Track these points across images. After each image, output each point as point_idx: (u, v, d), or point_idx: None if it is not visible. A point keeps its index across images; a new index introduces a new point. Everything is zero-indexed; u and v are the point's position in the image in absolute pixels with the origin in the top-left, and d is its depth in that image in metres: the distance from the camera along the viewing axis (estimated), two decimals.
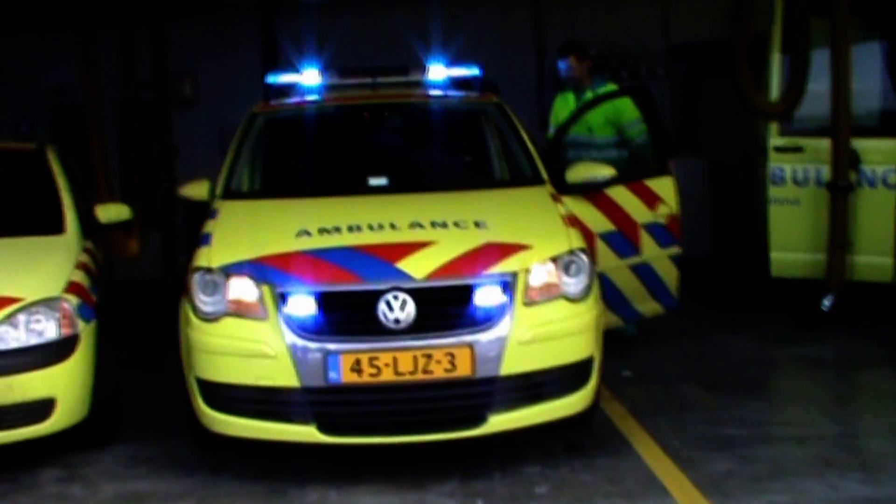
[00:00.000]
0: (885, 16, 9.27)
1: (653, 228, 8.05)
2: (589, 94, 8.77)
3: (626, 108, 8.42)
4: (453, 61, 8.06)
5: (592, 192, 7.42)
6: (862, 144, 8.90)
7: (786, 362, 8.25)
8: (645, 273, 8.09)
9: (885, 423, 6.57)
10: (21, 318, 5.76)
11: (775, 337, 8.86)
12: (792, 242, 9.41)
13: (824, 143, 8.92)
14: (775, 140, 9.42)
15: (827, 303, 8.88)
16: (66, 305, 5.92)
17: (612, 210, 7.77)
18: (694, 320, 9.72)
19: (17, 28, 13.29)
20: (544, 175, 6.82)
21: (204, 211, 6.60)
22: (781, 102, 9.22)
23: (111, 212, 7.46)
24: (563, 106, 8.99)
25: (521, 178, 7.02)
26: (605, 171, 7.14)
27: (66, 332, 5.86)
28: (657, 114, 8.48)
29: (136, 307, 9.70)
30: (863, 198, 8.95)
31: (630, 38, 14.14)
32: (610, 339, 8.13)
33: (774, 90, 9.45)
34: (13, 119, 12.98)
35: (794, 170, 9.35)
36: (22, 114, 13.17)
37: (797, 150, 9.33)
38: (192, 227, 7.26)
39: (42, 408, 5.73)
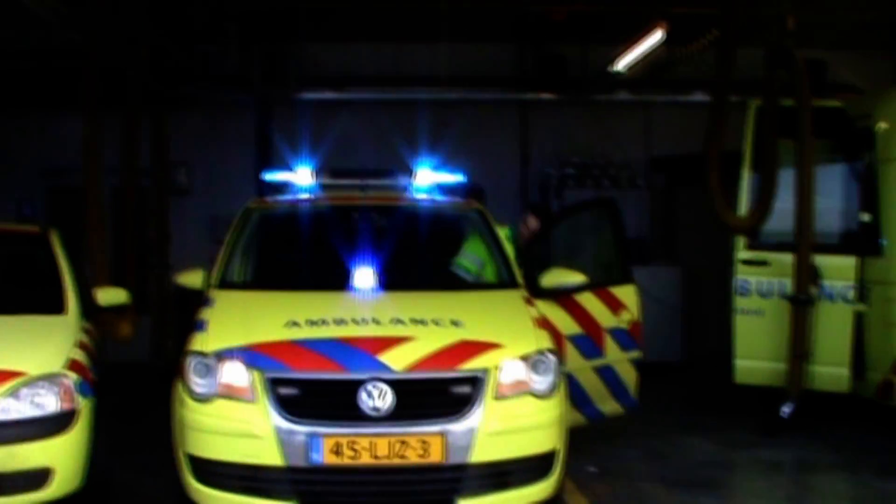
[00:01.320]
0: (848, 141, 9.79)
1: (616, 333, 8.47)
2: None
3: None
4: (440, 166, 8.53)
5: (563, 296, 7.84)
6: (823, 261, 9.42)
7: (744, 464, 8.67)
8: (608, 374, 8.51)
9: None
10: (24, 391, 6.12)
11: (736, 440, 9.29)
12: (755, 351, 9.79)
13: (788, 258, 9.39)
14: (742, 253, 9.87)
15: (787, 409, 9.29)
16: (66, 381, 6.29)
17: (580, 314, 8.22)
18: (661, 421, 10.17)
19: (17, 111, 13.78)
20: (519, 279, 7.29)
21: (197, 298, 7.01)
22: (749, 218, 9.69)
23: (109, 295, 7.85)
24: None
25: (498, 280, 7.48)
26: (575, 278, 7.57)
27: (66, 406, 6.22)
28: (621, 225, 8.95)
29: (125, 389, 10.01)
30: (823, 311, 9.43)
31: (613, 148, 14.75)
32: (578, 436, 8.57)
33: (743, 206, 9.93)
34: (13, 200, 13.38)
35: (759, 282, 9.80)
36: (20, 195, 13.58)
37: (762, 263, 9.79)
38: (183, 312, 7.63)
39: (40, 476, 6.06)
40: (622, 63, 12.59)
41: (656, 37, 11.35)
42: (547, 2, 11.96)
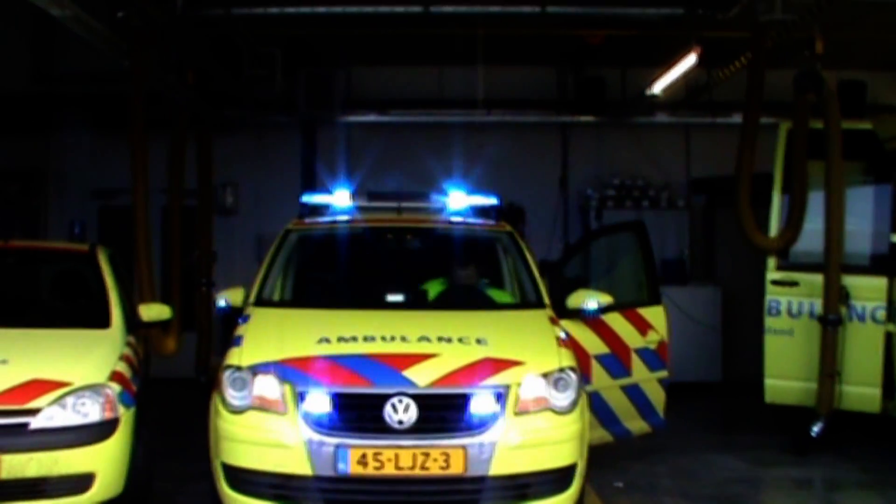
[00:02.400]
0: (878, 162, 9.89)
1: (643, 353, 8.65)
2: None
3: None
4: (475, 188, 8.78)
5: (590, 317, 8.04)
6: (853, 281, 9.51)
7: (770, 482, 8.82)
8: (635, 393, 8.68)
9: None
10: (69, 400, 6.46)
11: (766, 458, 9.43)
12: (785, 371, 9.89)
13: (818, 279, 9.51)
14: (772, 274, 9.99)
15: (816, 429, 9.39)
16: (109, 392, 6.62)
17: (607, 334, 8.42)
18: (693, 440, 10.35)
19: (71, 133, 14.21)
20: (546, 299, 7.52)
21: (238, 314, 7.32)
22: (779, 239, 9.85)
23: (153, 311, 8.19)
24: None
25: (524, 300, 7.73)
26: (601, 299, 7.75)
27: (109, 415, 6.55)
28: (650, 247, 9.15)
29: (169, 402, 10.34)
30: (852, 331, 9.50)
31: (652, 169, 14.88)
32: (608, 453, 8.79)
33: (774, 227, 10.06)
34: (67, 220, 13.79)
35: (789, 302, 9.91)
36: (73, 215, 13.98)
37: (793, 284, 9.90)
38: (227, 330, 7.94)
39: (83, 481, 6.38)
40: (658, 86, 12.77)
41: (690, 60, 11.52)
42: (582, 26, 12.14)
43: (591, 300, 7.62)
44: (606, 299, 7.75)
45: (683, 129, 14.90)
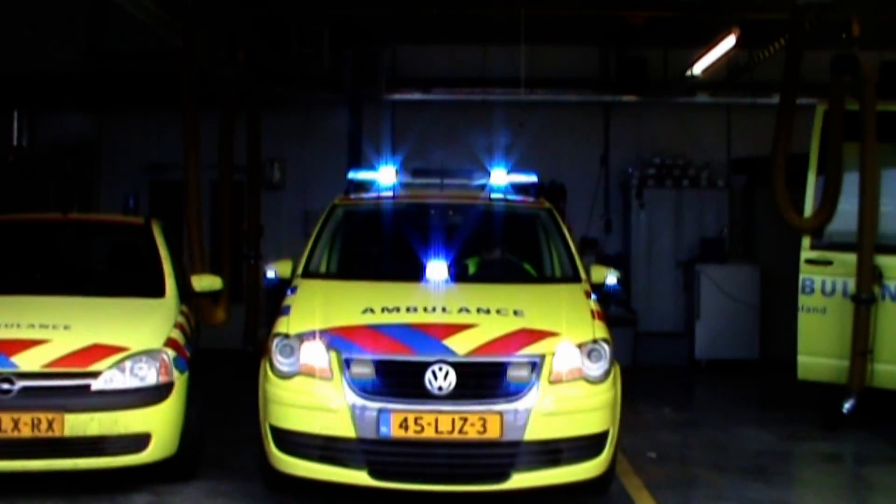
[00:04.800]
0: None
1: None
2: None
3: None
4: (516, 166, 9.03)
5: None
6: (886, 261, 9.63)
7: (799, 455, 9.04)
8: None
9: None
10: (127, 364, 6.85)
11: (797, 433, 9.64)
12: (818, 348, 10.02)
13: (851, 258, 9.66)
14: (807, 253, 10.11)
15: (847, 406, 9.55)
16: (164, 357, 7.00)
17: None
18: (728, 415, 10.61)
19: (123, 111, 14.62)
20: (582, 274, 7.78)
21: (285, 286, 7.64)
22: (813, 218, 10.00)
23: (205, 281, 8.56)
24: None
25: (562, 274, 8.00)
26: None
27: (164, 379, 6.94)
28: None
29: (218, 372, 10.67)
30: (885, 310, 9.62)
31: (693, 149, 15.01)
32: (642, 426, 9.07)
33: (809, 207, 10.18)
34: (120, 194, 14.16)
35: (823, 281, 10.03)
36: (125, 188, 14.33)
37: (827, 263, 10.02)
38: (273, 301, 8.26)
39: (140, 440, 6.78)
40: (699, 67, 12.92)
41: (730, 42, 11.67)
42: (624, 7, 12.30)
43: (611, 275, 7.85)
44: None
45: (724, 109, 15.00)
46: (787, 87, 10.01)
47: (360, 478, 6.30)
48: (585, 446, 6.49)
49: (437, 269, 7.61)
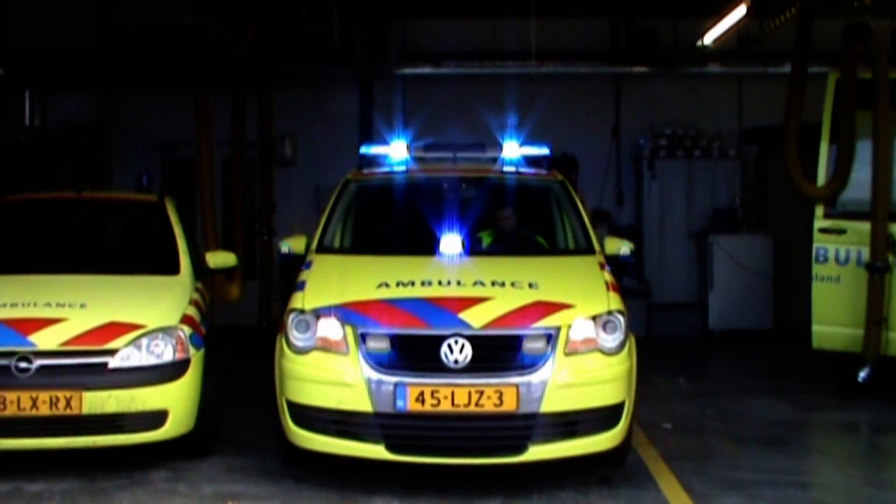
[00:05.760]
0: None
1: None
2: None
3: None
4: (528, 139, 9.01)
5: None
6: None
7: (814, 424, 9.08)
8: None
9: (885, 477, 7.41)
10: (144, 341, 6.88)
11: (812, 402, 9.67)
12: (832, 317, 10.02)
13: (865, 227, 9.64)
14: (820, 222, 10.10)
15: (862, 374, 9.57)
16: (180, 334, 7.03)
17: None
18: (741, 385, 10.65)
19: (135, 88, 14.62)
20: (596, 246, 7.78)
21: (299, 262, 7.66)
22: (826, 187, 9.99)
23: (219, 258, 8.58)
24: None
25: (576, 247, 8.00)
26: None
27: (180, 356, 6.97)
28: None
29: (233, 348, 10.70)
30: None
31: (705, 119, 14.99)
32: (658, 397, 9.08)
33: (822, 176, 10.17)
34: (133, 171, 14.22)
35: (836, 250, 10.01)
36: (137, 166, 14.37)
37: (840, 231, 10.00)
38: (287, 277, 8.27)
39: (157, 417, 6.82)
40: (709, 37, 12.86)
41: (740, 11, 11.62)
42: None
43: (625, 247, 7.84)
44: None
45: (735, 79, 14.95)
46: (798, 56, 9.98)
47: (377, 452, 6.32)
48: (601, 418, 6.50)
49: (450, 242, 7.62)
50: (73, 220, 9.07)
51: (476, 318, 6.46)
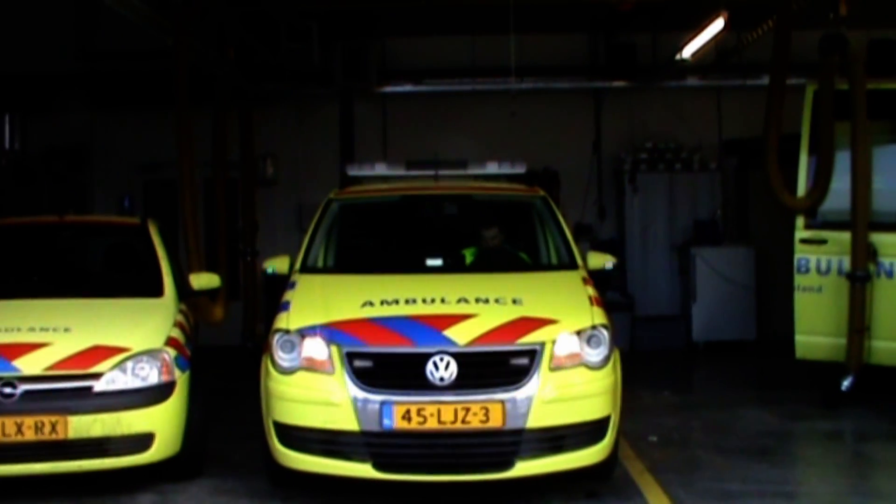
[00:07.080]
0: None
1: None
2: None
3: None
4: (509, 155, 9.05)
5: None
6: (880, 238, 9.67)
7: (800, 434, 9.10)
8: None
9: (870, 485, 7.45)
10: (129, 364, 6.87)
11: (797, 412, 9.68)
12: (815, 327, 10.05)
13: (845, 237, 9.68)
14: (801, 233, 10.13)
15: (846, 383, 9.59)
16: (165, 356, 7.03)
17: None
18: (727, 396, 10.66)
19: (117, 110, 14.61)
20: (578, 260, 7.82)
21: (282, 282, 7.67)
22: (806, 198, 10.03)
23: (203, 280, 8.57)
24: None
25: (558, 262, 8.04)
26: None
27: (166, 378, 6.97)
28: None
29: (217, 369, 10.67)
30: (880, 287, 9.66)
31: (685, 132, 15.07)
32: (643, 410, 9.10)
33: (802, 187, 10.21)
34: (112, 193, 14.22)
35: (817, 260, 10.06)
36: (119, 189, 14.37)
37: (821, 242, 10.03)
38: (271, 297, 8.28)
39: (143, 440, 6.81)
40: (688, 50, 12.93)
41: (718, 25, 11.69)
42: None
43: (609, 262, 7.86)
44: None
45: (714, 91, 15.02)
46: (776, 68, 10.04)
47: (364, 470, 6.33)
48: (587, 432, 6.52)
49: (434, 260, 7.64)
50: (55, 244, 9.07)
51: (461, 335, 6.48)
